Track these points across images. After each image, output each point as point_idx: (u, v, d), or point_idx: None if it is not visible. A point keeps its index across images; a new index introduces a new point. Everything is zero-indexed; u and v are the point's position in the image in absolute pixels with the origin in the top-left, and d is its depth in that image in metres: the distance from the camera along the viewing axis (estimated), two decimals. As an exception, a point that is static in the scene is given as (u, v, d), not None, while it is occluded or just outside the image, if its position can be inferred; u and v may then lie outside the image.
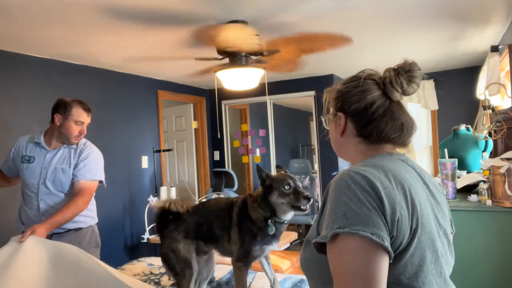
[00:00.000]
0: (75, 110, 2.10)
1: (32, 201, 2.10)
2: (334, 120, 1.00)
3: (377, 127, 0.91)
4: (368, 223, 0.74)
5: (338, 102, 0.97)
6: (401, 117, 0.92)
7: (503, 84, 2.57)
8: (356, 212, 0.75)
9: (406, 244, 0.77)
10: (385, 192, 0.78)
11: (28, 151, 2.16)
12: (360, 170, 0.81)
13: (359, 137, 0.94)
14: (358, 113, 0.93)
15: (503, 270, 1.95)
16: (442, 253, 0.86)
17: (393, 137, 0.92)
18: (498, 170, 1.93)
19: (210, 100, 5.28)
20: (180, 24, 2.50)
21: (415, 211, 0.80)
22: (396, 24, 2.77)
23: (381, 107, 0.91)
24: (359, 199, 0.76)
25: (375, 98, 0.92)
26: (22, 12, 2.21)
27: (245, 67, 2.73)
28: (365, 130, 0.93)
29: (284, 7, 2.31)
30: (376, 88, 0.93)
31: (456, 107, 4.54)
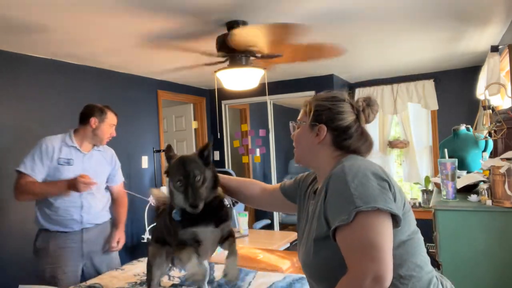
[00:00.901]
0: (109, 114, 2.41)
1: (74, 200, 2.28)
2: (311, 128, 1.15)
3: (354, 143, 1.12)
4: (379, 198, 0.90)
5: (321, 115, 1.13)
6: (369, 138, 1.16)
7: (503, 84, 2.56)
8: (368, 193, 0.91)
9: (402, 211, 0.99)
10: (384, 173, 0.98)
11: (64, 153, 2.30)
12: (355, 163, 1.00)
13: (334, 147, 1.13)
14: (340, 129, 1.12)
15: (503, 270, 1.95)
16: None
17: (363, 151, 1.14)
18: (498, 170, 1.93)
19: (210, 100, 5.28)
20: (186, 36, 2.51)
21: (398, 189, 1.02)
22: (396, 24, 2.77)
23: (356, 129, 1.13)
24: (364, 183, 0.93)
25: (352, 122, 1.13)
26: (22, 12, 2.21)
27: (245, 67, 2.73)
28: (343, 143, 1.12)
29: (284, 7, 2.31)
30: (352, 112, 1.14)
31: (456, 107, 4.54)
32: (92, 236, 2.38)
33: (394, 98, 4.82)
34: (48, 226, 2.28)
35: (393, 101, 4.82)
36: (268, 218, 5.29)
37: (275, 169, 5.13)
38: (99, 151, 2.45)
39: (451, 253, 2.08)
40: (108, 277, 2.08)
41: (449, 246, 2.09)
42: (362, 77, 4.93)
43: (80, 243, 2.32)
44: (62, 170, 2.25)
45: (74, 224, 2.30)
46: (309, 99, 1.20)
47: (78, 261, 2.32)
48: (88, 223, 2.35)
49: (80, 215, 2.31)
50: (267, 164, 5.32)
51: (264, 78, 2.96)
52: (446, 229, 2.10)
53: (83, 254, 2.34)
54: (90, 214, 2.35)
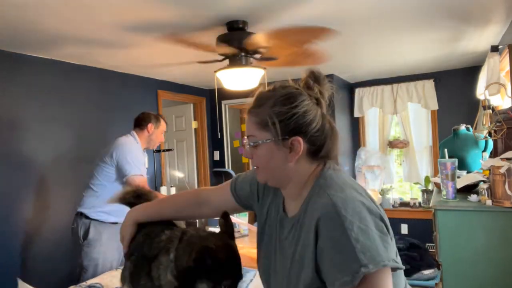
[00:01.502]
0: (162, 122, 2.75)
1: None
2: (282, 145, 0.88)
3: (330, 147, 0.90)
4: (382, 251, 0.74)
5: (288, 125, 0.87)
6: (335, 129, 0.92)
7: (503, 84, 2.57)
8: (372, 245, 0.73)
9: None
10: (372, 200, 0.82)
11: (143, 155, 2.66)
12: (343, 195, 0.80)
13: (311, 159, 0.90)
14: (315, 134, 0.88)
15: (503, 270, 1.95)
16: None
17: (336, 153, 0.92)
18: (498, 170, 1.93)
19: (210, 100, 5.28)
20: (184, 31, 2.51)
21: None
22: (396, 24, 2.77)
23: (327, 125, 0.91)
24: (365, 230, 0.74)
25: (319, 116, 0.89)
26: (22, 12, 2.21)
27: (245, 67, 2.73)
28: (320, 151, 0.89)
29: (284, 7, 2.31)
30: (314, 104, 0.90)
31: (456, 107, 4.54)
32: None
33: (394, 98, 4.82)
34: (104, 217, 2.47)
35: (393, 101, 4.83)
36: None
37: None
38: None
39: (451, 253, 2.08)
40: (108, 277, 2.08)
41: (449, 246, 2.09)
42: (362, 77, 4.93)
43: None
44: (144, 171, 2.56)
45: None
46: (253, 106, 0.93)
47: (122, 250, 2.52)
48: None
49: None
50: (267, 164, 5.31)
51: (264, 78, 2.96)
52: (446, 229, 2.10)
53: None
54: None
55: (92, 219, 2.49)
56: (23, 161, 3.04)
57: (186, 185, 5.06)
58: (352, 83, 5.15)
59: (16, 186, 2.98)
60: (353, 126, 5.20)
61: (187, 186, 5.05)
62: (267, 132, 0.88)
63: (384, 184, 4.95)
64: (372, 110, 5.06)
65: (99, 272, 2.35)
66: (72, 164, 3.39)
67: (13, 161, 2.97)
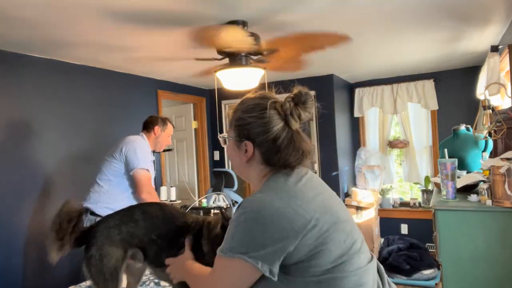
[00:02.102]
0: (169, 125, 2.76)
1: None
2: (238, 146, 1.05)
3: (283, 157, 1.00)
4: (239, 245, 0.93)
5: (244, 130, 1.02)
6: (302, 146, 1.02)
7: (503, 84, 2.57)
8: (235, 237, 0.94)
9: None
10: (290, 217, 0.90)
11: (152, 156, 2.71)
12: (257, 199, 0.94)
13: (264, 164, 1.03)
14: (266, 144, 1.01)
15: (503, 270, 1.95)
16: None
17: (293, 164, 1.01)
18: (498, 170, 1.93)
19: (210, 100, 5.28)
20: (180, 24, 2.51)
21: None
22: (396, 24, 2.77)
23: (285, 138, 1.01)
24: (241, 225, 0.94)
25: (280, 130, 1.00)
26: (22, 12, 2.21)
27: (245, 67, 2.73)
28: (272, 159, 1.01)
29: (284, 7, 2.31)
30: (279, 119, 1.01)
31: (456, 107, 4.54)
32: None
33: (394, 98, 4.82)
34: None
35: (393, 101, 4.83)
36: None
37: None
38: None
39: (451, 253, 2.08)
40: (109, 277, 2.08)
41: (449, 246, 2.09)
42: (362, 77, 4.93)
43: None
44: (151, 169, 2.59)
45: None
46: (232, 110, 1.08)
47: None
48: None
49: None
50: (267, 164, 5.31)
51: (264, 78, 2.96)
52: (446, 229, 2.10)
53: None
54: None
55: (98, 215, 2.48)
56: (24, 161, 3.04)
57: (186, 186, 5.07)
58: (352, 83, 5.15)
59: (16, 186, 2.98)
60: (353, 126, 5.20)
61: (187, 186, 5.05)
62: (232, 132, 1.06)
63: (384, 184, 4.95)
64: (372, 110, 5.06)
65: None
66: (73, 164, 3.39)
67: (13, 161, 2.97)
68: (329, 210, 0.96)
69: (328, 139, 4.64)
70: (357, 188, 4.74)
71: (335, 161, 4.63)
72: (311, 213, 0.92)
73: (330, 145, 4.64)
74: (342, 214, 1.00)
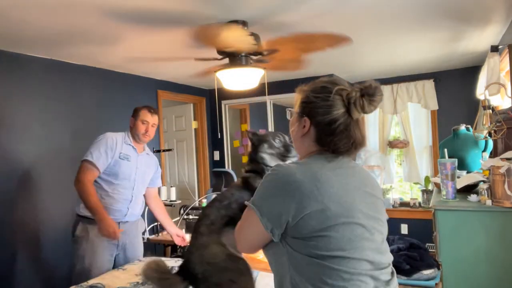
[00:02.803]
0: (142, 111, 2.57)
1: (126, 193, 2.49)
2: (299, 120, 1.12)
3: (334, 141, 1.06)
4: (259, 197, 1.07)
5: (306, 108, 1.11)
6: (355, 136, 1.07)
7: (503, 84, 2.57)
8: (259, 192, 1.09)
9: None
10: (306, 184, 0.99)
11: (124, 150, 2.50)
12: (286, 167, 1.05)
13: (315, 143, 1.09)
14: (322, 124, 1.07)
15: (503, 270, 1.96)
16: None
17: (341, 150, 1.07)
18: (498, 170, 1.93)
19: (210, 100, 5.28)
20: (180, 24, 2.51)
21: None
22: (396, 24, 2.77)
23: (342, 124, 1.06)
24: (265, 185, 1.07)
25: (339, 115, 1.06)
26: (22, 11, 2.21)
27: (245, 67, 2.73)
28: (323, 140, 1.08)
29: (284, 7, 2.31)
30: (341, 105, 1.07)
31: (456, 107, 4.54)
32: (129, 229, 2.53)
33: (394, 98, 4.82)
34: (90, 214, 2.37)
35: (393, 101, 4.83)
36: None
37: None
38: (147, 155, 2.67)
39: (451, 253, 2.08)
40: (110, 277, 2.08)
41: (449, 246, 2.09)
42: (362, 77, 4.93)
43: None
44: (121, 164, 2.45)
45: (119, 215, 2.46)
46: (302, 87, 1.17)
47: (113, 251, 2.46)
48: (129, 217, 2.52)
49: (127, 208, 2.49)
50: (267, 164, 5.30)
51: (264, 78, 2.96)
52: (446, 229, 2.10)
53: (119, 244, 2.47)
54: (134, 209, 2.54)
55: (81, 215, 2.44)
56: (23, 161, 3.04)
57: (186, 186, 5.07)
58: (352, 83, 5.15)
59: (16, 186, 2.98)
60: (353, 126, 5.20)
61: (187, 186, 5.05)
62: (298, 107, 1.14)
63: (384, 184, 4.95)
64: (372, 110, 5.06)
65: (87, 271, 2.32)
66: (72, 164, 3.38)
67: (12, 161, 2.97)
68: (347, 206, 1.00)
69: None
70: (357, 188, 4.74)
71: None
72: (324, 199, 0.98)
73: (330, 145, 4.63)
74: (361, 217, 1.01)
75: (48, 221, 3.18)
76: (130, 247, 2.57)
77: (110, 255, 2.45)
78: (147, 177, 2.65)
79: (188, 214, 3.34)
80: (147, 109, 2.58)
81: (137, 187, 2.54)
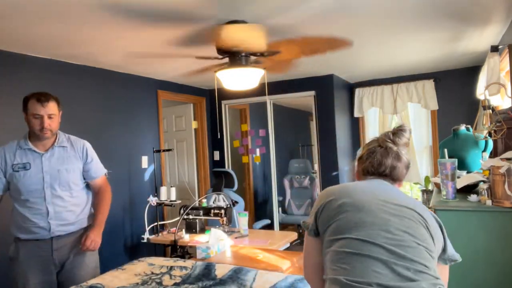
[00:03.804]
0: (30, 103, 2.07)
1: (38, 207, 2.12)
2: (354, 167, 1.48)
3: (365, 167, 1.39)
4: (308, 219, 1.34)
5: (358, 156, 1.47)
6: (382, 160, 1.35)
7: (503, 84, 2.57)
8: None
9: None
10: (323, 199, 1.28)
11: (19, 159, 2.11)
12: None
13: (363, 175, 1.40)
14: (366, 161, 1.39)
15: (503, 270, 1.95)
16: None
17: (370, 171, 1.37)
18: (498, 170, 1.93)
19: (210, 100, 5.28)
20: (181, 23, 2.51)
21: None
22: (396, 24, 2.77)
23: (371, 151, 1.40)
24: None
25: (378, 153, 1.37)
26: (21, 11, 2.21)
27: (245, 67, 2.73)
28: (362, 168, 1.41)
29: (284, 8, 2.31)
30: (377, 146, 1.38)
31: (456, 107, 4.54)
32: (64, 245, 2.19)
33: (394, 98, 4.82)
34: (20, 234, 2.14)
35: (393, 101, 4.83)
36: (268, 218, 5.30)
37: (275, 169, 5.13)
38: (62, 148, 2.21)
39: (451, 253, 2.08)
40: (109, 277, 2.08)
41: (449, 246, 2.09)
42: (362, 77, 4.93)
43: (51, 252, 2.15)
44: (18, 177, 2.09)
45: (43, 231, 2.12)
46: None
47: (50, 271, 2.16)
48: (58, 231, 2.15)
49: (47, 222, 2.12)
50: (267, 164, 5.32)
51: (264, 78, 2.96)
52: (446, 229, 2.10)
53: (55, 263, 2.17)
54: (60, 220, 2.15)
55: (15, 236, 2.17)
56: (23, 161, 3.03)
57: (186, 186, 5.07)
58: (352, 83, 5.16)
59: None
60: (353, 126, 5.21)
61: (187, 186, 5.06)
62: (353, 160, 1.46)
63: (384, 184, 4.95)
64: (372, 110, 5.07)
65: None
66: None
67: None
68: (355, 199, 1.21)
69: (328, 139, 4.64)
70: (357, 188, 4.74)
71: (335, 161, 4.64)
72: (336, 194, 1.25)
73: (330, 145, 4.64)
74: (367, 215, 1.19)
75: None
76: (76, 263, 2.21)
77: (48, 275, 2.15)
78: (68, 176, 2.18)
79: (188, 214, 3.34)
80: (35, 99, 2.06)
81: (50, 196, 2.13)
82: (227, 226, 3.27)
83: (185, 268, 2.15)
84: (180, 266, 2.18)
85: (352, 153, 5.11)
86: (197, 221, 3.37)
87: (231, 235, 3.15)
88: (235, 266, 2.11)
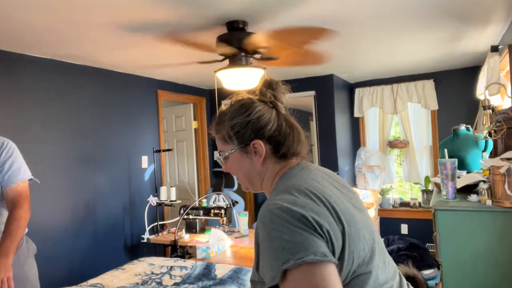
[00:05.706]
0: None
1: None
2: (245, 152, 0.99)
3: (287, 145, 0.98)
4: (307, 246, 0.76)
5: (246, 132, 0.98)
6: (300, 131, 1.03)
7: (503, 84, 2.57)
8: (292, 242, 0.76)
9: (342, 244, 0.81)
10: (307, 212, 0.80)
11: None
12: (278, 204, 0.82)
13: (275, 158, 0.99)
14: (273, 134, 0.98)
15: (503, 270, 1.95)
16: (369, 236, 0.90)
17: (297, 151, 1.00)
18: (498, 170, 1.93)
19: (210, 100, 5.28)
20: (181, 32, 2.51)
21: (336, 213, 0.84)
22: (396, 24, 2.77)
23: (285, 125, 1.00)
24: (289, 229, 0.77)
25: (276, 117, 0.99)
26: (22, 13, 2.21)
27: (245, 67, 2.73)
28: (279, 149, 0.98)
29: (283, 7, 2.31)
30: (268, 108, 1.00)
31: (456, 107, 4.54)
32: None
33: (394, 98, 4.82)
34: None
35: (393, 101, 4.83)
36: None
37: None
38: None
39: (451, 253, 2.08)
40: (109, 277, 2.08)
41: (449, 246, 2.09)
42: (362, 77, 4.93)
43: None
44: None
45: None
46: (214, 125, 1.05)
47: None
48: None
49: None
50: (267, 164, 5.31)
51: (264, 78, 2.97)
52: (446, 229, 2.10)
53: None
54: None
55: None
56: (23, 161, 3.04)
57: (186, 185, 5.07)
58: (352, 83, 5.16)
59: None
60: (353, 126, 5.20)
61: (187, 186, 5.06)
62: (231, 144, 1.00)
63: (384, 184, 4.95)
64: (372, 110, 5.06)
65: None
66: (72, 164, 3.39)
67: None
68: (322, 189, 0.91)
69: (328, 139, 4.64)
70: (357, 188, 4.75)
71: (335, 161, 4.64)
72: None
73: (330, 145, 4.64)
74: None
75: (47, 220, 3.18)
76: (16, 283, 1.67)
77: None
78: None
79: (188, 214, 3.34)
80: None
81: None
82: (227, 226, 3.27)
83: (185, 268, 2.15)
84: (180, 266, 2.18)
85: (352, 153, 5.11)
86: (197, 221, 3.37)
87: (231, 235, 3.15)
88: (235, 266, 2.11)
